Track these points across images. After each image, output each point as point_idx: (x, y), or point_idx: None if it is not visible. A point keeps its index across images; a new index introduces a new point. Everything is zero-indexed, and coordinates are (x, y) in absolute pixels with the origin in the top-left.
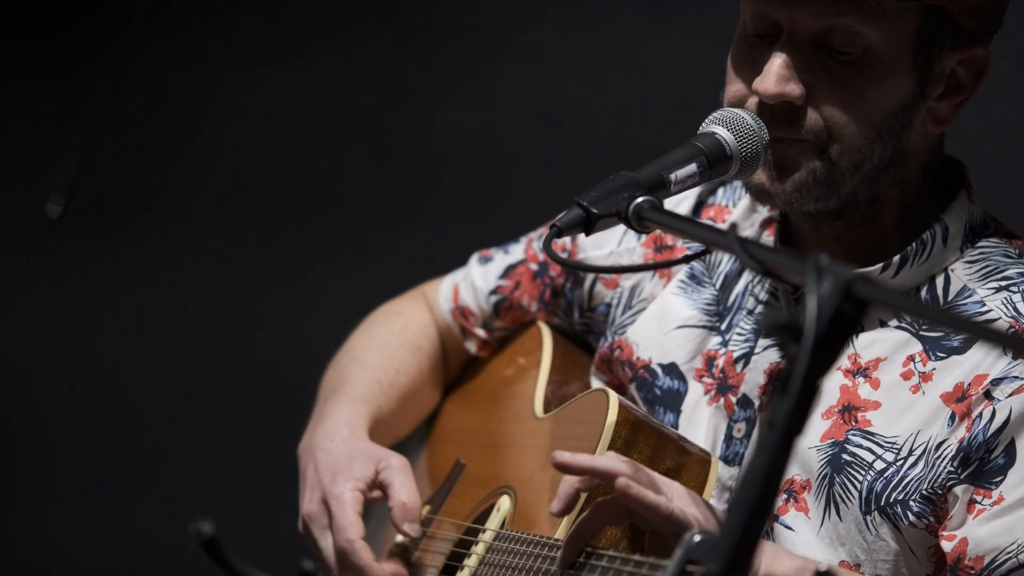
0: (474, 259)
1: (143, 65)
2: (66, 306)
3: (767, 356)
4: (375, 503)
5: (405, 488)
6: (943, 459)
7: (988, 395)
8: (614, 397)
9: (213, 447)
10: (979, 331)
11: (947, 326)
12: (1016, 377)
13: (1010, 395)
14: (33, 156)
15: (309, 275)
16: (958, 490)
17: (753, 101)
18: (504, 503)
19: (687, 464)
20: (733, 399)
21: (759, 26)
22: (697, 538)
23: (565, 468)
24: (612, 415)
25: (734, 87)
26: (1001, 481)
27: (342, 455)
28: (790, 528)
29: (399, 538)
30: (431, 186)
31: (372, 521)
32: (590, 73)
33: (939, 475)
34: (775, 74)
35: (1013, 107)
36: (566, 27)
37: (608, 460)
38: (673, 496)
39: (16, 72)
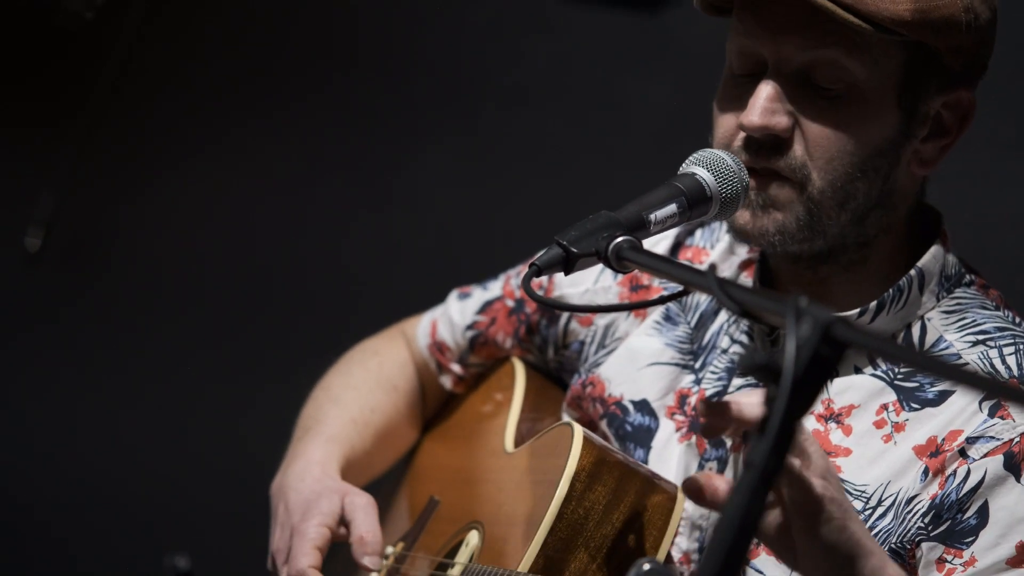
0: (453, 295)
1: (122, 100)
2: (45, 340)
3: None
4: (345, 540)
5: (365, 523)
6: (914, 515)
7: (963, 453)
8: (578, 430)
9: (193, 483)
10: (958, 375)
11: (925, 370)
12: (992, 437)
13: (985, 455)
14: (12, 189)
15: (289, 306)
16: (925, 546)
17: (740, 137)
18: (473, 538)
19: (652, 498)
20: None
21: (745, 65)
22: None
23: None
24: (576, 448)
25: (722, 127)
26: (973, 542)
27: (311, 493)
28: (761, 573)
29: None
30: (413, 224)
31: (341, 559)
32: (570, 112)
33: (909, 530)
34: (760, 107)
35: (993, 152)
36: (545, 66)
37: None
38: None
39: None
